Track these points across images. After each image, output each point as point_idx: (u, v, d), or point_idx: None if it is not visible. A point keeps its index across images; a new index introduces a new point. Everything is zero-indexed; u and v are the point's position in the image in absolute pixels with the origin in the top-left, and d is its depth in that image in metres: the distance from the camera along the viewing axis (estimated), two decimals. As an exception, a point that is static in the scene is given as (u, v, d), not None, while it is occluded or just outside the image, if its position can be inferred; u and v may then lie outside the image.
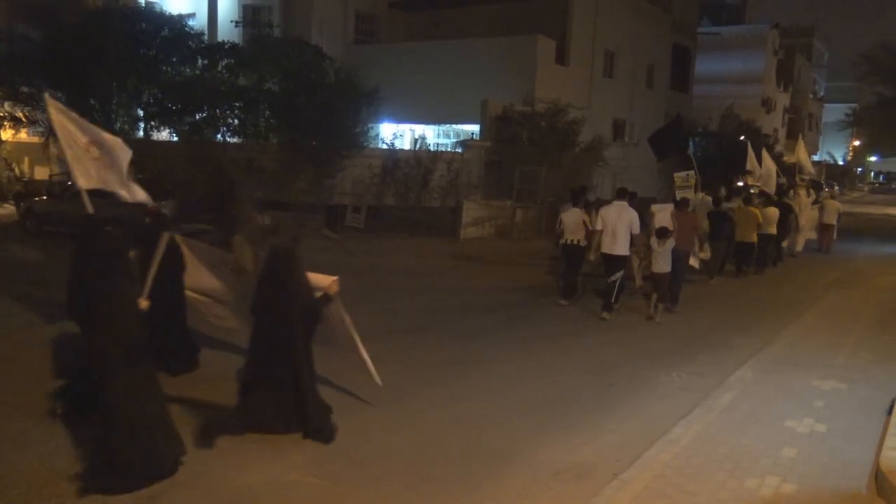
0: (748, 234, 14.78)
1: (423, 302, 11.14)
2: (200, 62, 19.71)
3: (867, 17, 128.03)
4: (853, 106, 44.05)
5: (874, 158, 35.15)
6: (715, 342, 9.30)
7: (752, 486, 4.96)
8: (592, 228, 10.96)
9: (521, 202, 19.83)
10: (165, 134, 20.38)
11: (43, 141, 20.23)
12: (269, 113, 19.72)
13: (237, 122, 19.64)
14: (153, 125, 19.76)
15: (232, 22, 22.34)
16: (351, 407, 6.22)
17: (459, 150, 21.15)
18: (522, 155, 20.13)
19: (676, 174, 14.53)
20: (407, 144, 22.42)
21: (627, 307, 11.10)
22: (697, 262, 12.84)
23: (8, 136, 21.15)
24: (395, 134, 21.97)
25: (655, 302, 10.64)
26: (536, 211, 20.01)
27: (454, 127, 24.82)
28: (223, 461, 5.16)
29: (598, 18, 26.33)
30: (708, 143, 33.28)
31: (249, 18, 22.27)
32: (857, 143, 60.69)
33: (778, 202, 16.62)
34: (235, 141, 19.96)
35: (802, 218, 18.42)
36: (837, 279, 14.95)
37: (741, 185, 22.38)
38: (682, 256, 11.26)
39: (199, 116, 19.21)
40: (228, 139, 19.91)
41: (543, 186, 19.93)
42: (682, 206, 11.77)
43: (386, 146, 21.31)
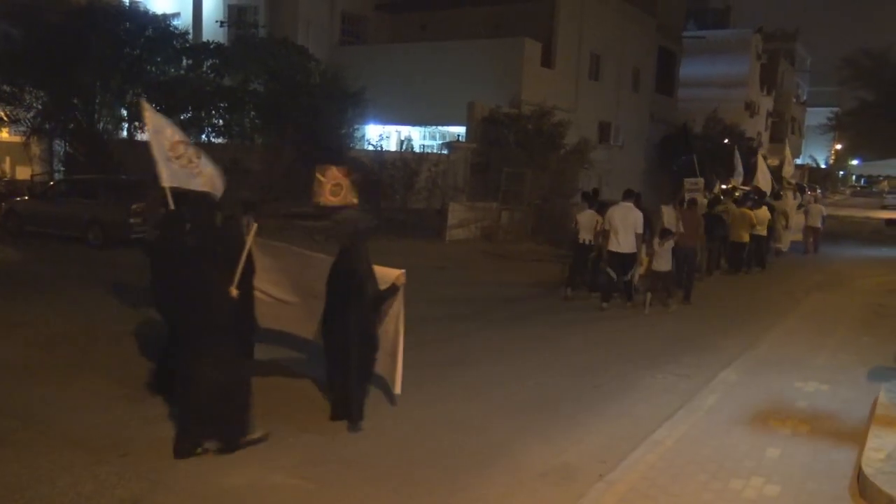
0: (742, 234, 15.39)
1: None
2: (185, 62, 19.61)
3: (849, 22, 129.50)
4: (835, 110, 44.60)
5: (856, 162, 35.57)
6: (700, 344, 9.32)
7: (736, 486, 4.98)
8: (601, 228, 11.49)
9: (506, 204, 19.85)
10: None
11: (25, 140, 20.04)
12: (254, 114, 19.65)
13: (222, 122, 19.53)
14: (137, 125, 19.60)
15: (217, 22, 22.20)
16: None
17: (445, 151, 21.12)
18: (508, 157, 20.14)
19: (686, 179, 15.61)
20: (393, 146, 22.40)
21: (615, 305, 11.22)
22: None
23: (-11, 135, 20.96)
24: (381, 135, 21.99)
25: (667, 298, 11.31)
26: (522, 213, 20.03)
27: (440, 129, 24.80)
28: (206, 463, 5.12)
29: (583, 21, 26.43)
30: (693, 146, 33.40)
31: (234, 19, 22.10)
32: (838, 146, 61.39)
33: (767, 204, 17.13)
34: (220, 141, 19.84)
35: (790, 218, 18.91)
36: (819, 282, 15.06)
37: (724, 187, 22.62)
38: (689, 254, 11.92)
39: (183, 117, 19.03)
40: (213, 140, 19.78)
41: (529, 188, 19.96)
42: (690, 206, 12.73)
43: (372, 147, 21.27)
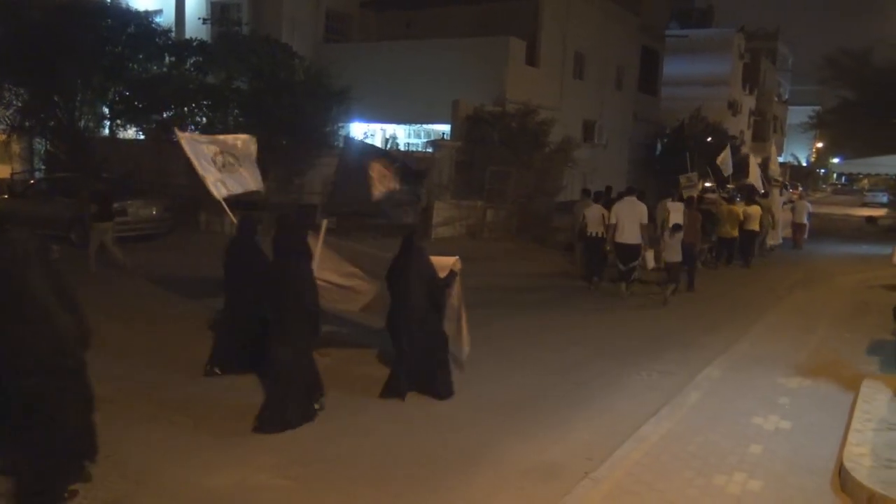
0: (730, 230, 15.98)
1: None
2: (168, 59, 19.38)
3: (831, 21, 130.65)
4: (816, 108, 44.93)
5: (837, 160, 35.90)
6: (683, 340, 9.38)
7: (719, 482, 5.02)
8: (608, 223, 12.17)
9: (491, 202, 19.86)
10: (132, 132, 19.99)
11: (5, 138, 19.78)
12: (237, 111, 19.46)
13: (205, 120, 19.33)
14: (119, 123, 19.39)
15: (200, 19, 21.92)
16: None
17: (430, 149, 21.08)
18: (493, 155, 20.12)
19: (681, 175, 16.01)
20: (378, 144, 22.31)
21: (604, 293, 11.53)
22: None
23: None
24: (365, 133, 21.87)
25: (672, 290, 11.87)
26: (507, 211, 20.06)
27: (425, 127, 24.69)
28: (189, 464, 5.10)
29: (568, 20, 26.46)
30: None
31: (218, 16, 21.82)
32: (820, 144, 61.94)
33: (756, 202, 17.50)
34: (204, 139, 19.63)
35: (777, 214, 19.23)
36: (801, 279, 15.18)
37: (708, 185, 22.85)
38: (689, 248, 12.56)
39: (166, 115, 18.85)
40: (196, 138, 19.57)
41: (514, 187, 19.98)
42: (689, 204, 13.44)
43: (357, 146, 21.14)
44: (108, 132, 19.69)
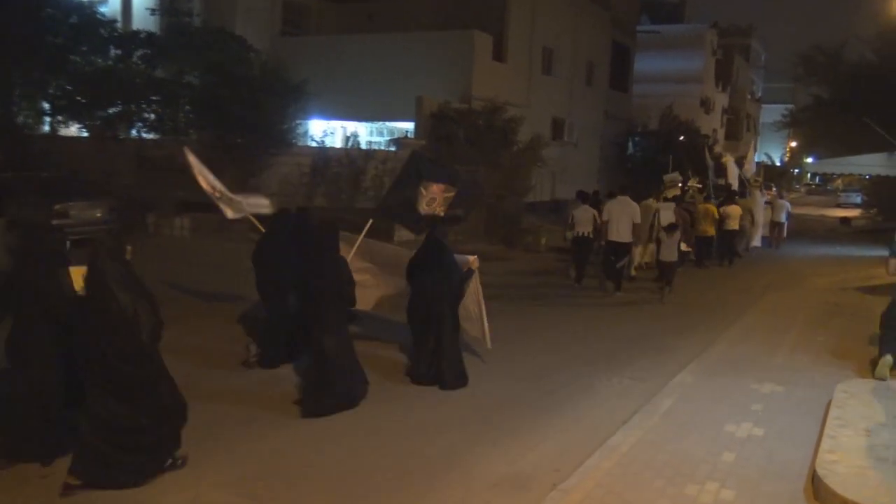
0: (707, 228, 16.13)
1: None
2: (113, 52, 18.39)
3: (804, 18, 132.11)
4: (790, 107, 44.77)
5: (811, 160, 35.68)
6: (655, 345, 9.25)
7: (691, 492, 4.94)
8: (601, 222, 12.54)
9: (458, 202, 19.15)
10: (74, 129, 19.02)
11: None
12: (189, 107, 18.61)
13: (154, 117, 18.43)
14: (60, 120, 18.39)
15: (148, 10, 20.88)
16: (276, 422, 6.06)
17: (393, 148, 20.35)
18: (459, 154, 19.44)
19: (665, 176, 16.38)
20: (338, 142, 21.58)
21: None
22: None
23: None
24: (325, 131, 21.22)
25: (664, 287, 12.25)
26: (475, 212, 19.34)
27: (388, 124, 24.01)
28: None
29: (536, 14, 25.78)
30: (648, 143, 33.28)
31: (167, 6, 20.68)
32: (793, 144, 62.06)
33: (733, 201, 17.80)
34: (153, 137, 18.74)
35: (758, 214, 19.61)
36: (774, 281, 15.15)
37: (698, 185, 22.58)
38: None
39: (112, 111, 17.90)
40: (145, 135, 18.68)
41: (482, 187, 19.30)
42: (677, 204, 14.38)
43: (316, 144, 20.44)
44: (48, 129, 18.68)
